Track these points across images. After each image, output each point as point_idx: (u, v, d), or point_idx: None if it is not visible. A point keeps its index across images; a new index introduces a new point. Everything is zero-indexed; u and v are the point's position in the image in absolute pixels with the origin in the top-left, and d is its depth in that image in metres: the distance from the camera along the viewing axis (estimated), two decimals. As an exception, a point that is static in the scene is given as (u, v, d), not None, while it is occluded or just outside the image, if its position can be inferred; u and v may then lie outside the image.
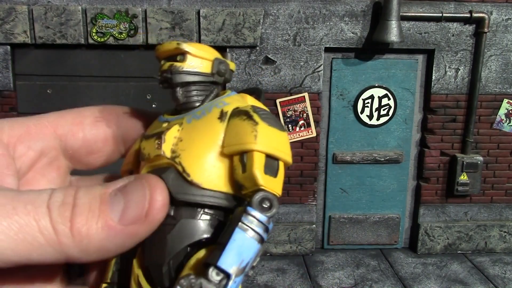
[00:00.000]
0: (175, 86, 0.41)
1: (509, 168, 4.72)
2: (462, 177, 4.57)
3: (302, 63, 4.38)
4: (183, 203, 0.38)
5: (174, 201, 0.38)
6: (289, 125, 4.45)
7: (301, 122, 4.45)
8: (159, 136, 0.39)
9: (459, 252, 4.83)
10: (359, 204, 4.80)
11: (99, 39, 4.16)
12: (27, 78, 4.31)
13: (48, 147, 0.42)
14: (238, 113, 0.40)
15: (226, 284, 0.33)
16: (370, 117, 4.61)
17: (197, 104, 0.42)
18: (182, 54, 0.41)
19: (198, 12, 4.18)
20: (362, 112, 4.59)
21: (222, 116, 0.40)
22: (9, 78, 4.23)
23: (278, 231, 4.64)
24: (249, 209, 0.36)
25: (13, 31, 4.08)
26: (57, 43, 4.16)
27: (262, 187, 0.37)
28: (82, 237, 0.32)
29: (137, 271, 0.39)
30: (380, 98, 4.58)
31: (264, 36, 4.30)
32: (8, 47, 4.16)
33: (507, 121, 4.60)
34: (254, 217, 0.36)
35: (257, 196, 0.36)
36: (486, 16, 4.32)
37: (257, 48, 4.32)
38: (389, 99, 4.59)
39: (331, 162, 4.68)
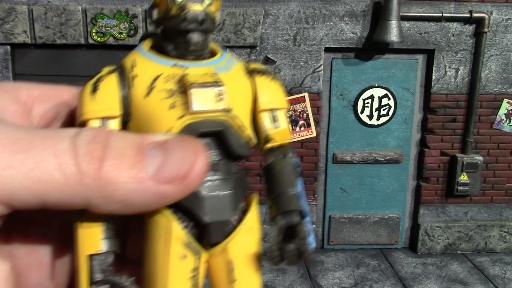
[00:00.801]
0: (206, 32, 0.38)
1: (509, 168, 4.72)
2: (462, 177, 4.57)
3: (302, 63, 4.38)
4: (237, 157, 0.39)
5: (231, 156, 0.38)
6: (289, 125, 4.45)
7: (301, 122, 4.46)
8: (217, 86, 0.36)
9: (459, 252, 4.83)
10: (359, 204, 4.80)
11: (99, 39, 4.17)
12: (27, 78, 4.32)
13: (62, 111, 0.41)
14: (261, 72, 0.42)
15: (306, 222, 0.38)
16: (370, 117, 4.61)
17: (205, 52, 0.40)
18: None
19: (198, 12, 4.18)
20: (362, 112, 4.59)
21: (246, 72, 0.41)
22: (9, 78, 4.23)
23: (278, 231, 4.64)
24: (296, 161, 0.41)
25: (13, 31, 4.08)
26: (57, 43, 4.16)
27: (289, 141, 0.42)
28: (108, 182, 0.29)
29: (180, 233, 0.36)
30: (380, 98, 4.58)
31: (264, 36, 4.30)
32: (8, 47, 4.16)
33: (507, 121, 4.60)
34: (299, 167, 0.41)
35: (292, 149, 0.42)
36: (486, 16, 4.32)
37: (257, 48, 4.32)
38: (389, 99, 4.59)
39: (331, 162, 4.68)
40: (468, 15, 4.31)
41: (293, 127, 4.47)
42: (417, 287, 4.21)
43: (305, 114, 4.44)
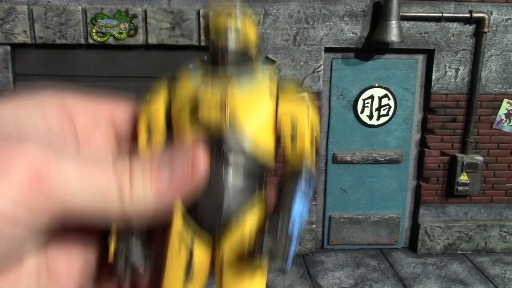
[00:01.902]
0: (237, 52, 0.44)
1: (509, 168, 4.72)
2: (462, 177, 4.57)
3: (302, 63, 4.38)
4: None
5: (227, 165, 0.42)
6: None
7: (301, 122, 4.45)
8: (222, 105, 0.41)
9: (459, 252, 4.83)
10: (359, 204, 4.80)
11: (99, 39, 4.17)
12: (27, 78, 4.31)
13: (102, 122, 0.47)
14: (289, 93, 0.43)
15: (291, 227, 0.39)
16: (370, 117, 4.61)
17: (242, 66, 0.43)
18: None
19: (198, 12, 4.18)
20: (362, 112, 4.59)
21: (271, 91, 0.43)
22: (9, 78, 4.23)
23: (278, 231, 4.64)
24: (308, 175, 0.43)
25: (13, 31, 4.08)
26: (57, 43, 4.16)
27: (307, 164, 0.43)
28: (139, 199, 0.37)
29: (178, 225, 0.41)
30: (380, 98, 4.58)
31: (264, 36, 4.30)
32: (8, 47, 4.16)
33: (507, 121, 4.60)
34: (311, 180, 0.43)
35: (307, 168, 0.43)
36: (486, 16, 4.32)
37: (257, 48, 4.31)
38: (389, 99, 4.59)
39: (331, 162, 4.68)
40: (468, 15, 4.31)
41: (293, 127, 4.47)
42: (417, 287, 4.21)
43: (305, 114, 4.44)
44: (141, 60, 4.34)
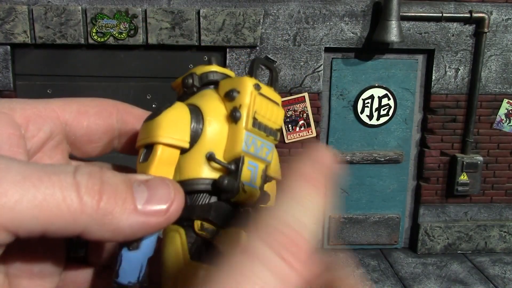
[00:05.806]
0: None
1: (509, 168, 4.72)
2: (462, 177, 4.57)
3: (302, 63, 4.38)
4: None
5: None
6: (289, 125, 4.45)
7: (301, 122, 4.46)
8: None
9: (459, 252, 4.83)
10: (359, 204, 4.80)
11: (99, 39, 4.17)
12: (27, 78, 4.31)
13: (55, 130, 0.43)
14: None
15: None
16: (370, 117, 4.61)
17: None
18: None
19: (198, 12, 4.19)
20: (362, 112, 4.59)
21: None
22: (9, 78, 4.23)
23: (278, 231, 4.64)
24: None
25: (13, 31, 4.08)
26: (57, 43, 4.16)
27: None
28: (105, 213, 0.33)
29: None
30: (380, 98, 4.58)
31: (264, 36, 4.30)
32: (8, 47, 4.16)
33: (507, 121, 4.60)
34: None
35: None
36: (486, 16, 4.32)
37: (257, 48, 4.32)
38: (389, 99, 4.59)
39: (331, 162, 4.67)
40: (468, 15, 4.31)
41: (293, 127, 4.47)
42: (417, 287, 4.21)
43: (305, 114, 4.44)
44: (141, 60, 4.34)
